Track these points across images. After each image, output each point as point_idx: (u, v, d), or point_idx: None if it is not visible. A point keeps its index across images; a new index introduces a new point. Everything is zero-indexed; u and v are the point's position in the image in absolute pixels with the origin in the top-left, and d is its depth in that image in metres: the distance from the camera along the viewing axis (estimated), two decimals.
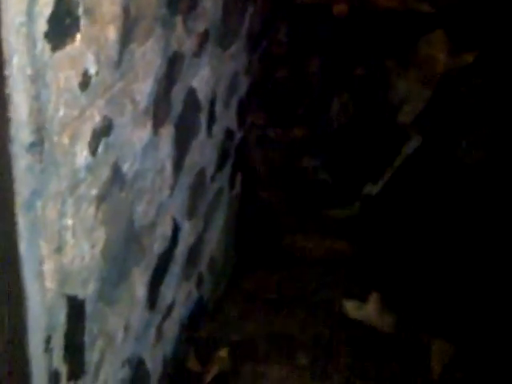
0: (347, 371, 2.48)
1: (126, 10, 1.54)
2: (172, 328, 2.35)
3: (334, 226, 3.07)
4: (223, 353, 2.53)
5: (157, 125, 1.87)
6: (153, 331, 2.14)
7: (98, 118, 1.49)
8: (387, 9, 2.98)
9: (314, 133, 3.09)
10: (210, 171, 2.53)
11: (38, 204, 1.31)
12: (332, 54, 3.04)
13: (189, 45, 2.07)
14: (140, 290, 1.97)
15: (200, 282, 2.62)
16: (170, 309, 2.29)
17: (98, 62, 1.43)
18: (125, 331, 1.87)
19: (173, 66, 1.94)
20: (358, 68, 3.10)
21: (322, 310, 2.73)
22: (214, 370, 2.47)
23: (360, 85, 3.09)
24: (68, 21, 1.29)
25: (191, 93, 2.17)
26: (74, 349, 1.54)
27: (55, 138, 1.32)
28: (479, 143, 3.11)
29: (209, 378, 2.45)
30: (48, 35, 1.22)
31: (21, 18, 1.14)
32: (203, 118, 2.33)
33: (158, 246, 2.08)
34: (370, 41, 3.01)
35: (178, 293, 2.36)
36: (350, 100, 3.09)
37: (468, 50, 3.03)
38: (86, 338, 1.60)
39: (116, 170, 1.64)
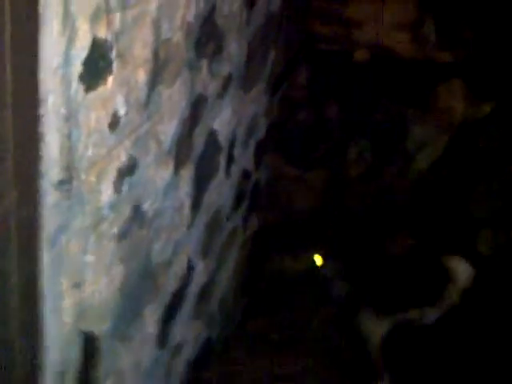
0: None
1: (155, 54, 1.58)
2: (180, 367, 2.35)
3: None
4: None
5: (178, 165, 1.90)
6: (162, 369, 2.14)
7: (123, 158, 1.51)
8: (407, 57, 3.02)
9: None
10: (225, 211, 2.55)
11: (63, 240, 1.33)
12: (351, 100, 3.08)
13: (212, 87, 2.11)
14: (151, 327, 1.98)
15: (210, 322, 2.62)
16: (179, 347, 2.29)
17: (127, 103, 1.47)
18: (135, 368, 1.87)
19: (196, 108, 1.97)
20: (377, 115, 3.13)
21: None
22: None
23: (378, 132, 3.12)
24: (102, 64, 1.33)
25: (212, 134, 2.20)
26: None
27: (83, 176, 1.35)
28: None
29: None
30: (82, 77, 1.26)
31: (58, 60, 1.18)
32: (222, 159, 2.36)
33: (171, 284, 2.09)
34: (389, 88, 3.05)
35: (187, 332, 2.36)
36: (368, 147, 3.12)
37: (486, 100, 3.06)
38: (99, 375, 1.61)
39: (137, 208, 1.67)
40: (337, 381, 2.64)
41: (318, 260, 3.00)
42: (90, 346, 1.52)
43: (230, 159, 2.46)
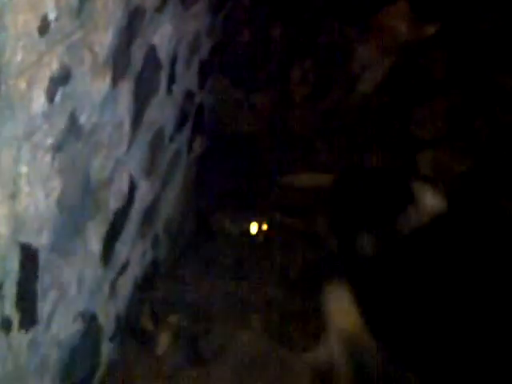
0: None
1: None
2: (126, 286, 2.35)
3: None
4: (175, 319, 2.54)
5: (116, 78, 1.85)
6: (106, 287, 2.14)
7: (56, 66, 1.47)
8: None
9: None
10: (168, 131, 2.52)
11: None
12: (295, 20, 3.04)
13: (151, 0, 2.05)
14: (94, 244, 1.96)
15: (156, 243, 2.62)
16: (124, 267, 2.28)
17: (58, 7, 1.41)
18: (78, 285, 1.87)
19: (134, 19, 1.91)
20: (321, 36, 3.11)
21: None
22: (166, 335, 2.47)
23: (322, 52, 3.10)
24: None
25: (152, 49, 2.15)
26: (26, 297, 1.54)
27: (12, 82, 1.31)
28: None
29: (164, 342, 2.46)
30: None
31: None
32: (163, 76, 2.32)
33: (114, 202, 2.07)
34: (334, 8, 3.02)
35: (132, 251, 2.35)
36: (312, 67, 3.10)
37: (430, 22, 3.06)
38: (39, 288, 1.60)
39: (73, 121, 1.63)
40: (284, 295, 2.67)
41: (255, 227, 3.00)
42: (27, 258, 1.50)
43: (172, 77, 2.41)
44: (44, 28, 1.37)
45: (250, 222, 3.01)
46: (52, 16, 1.40)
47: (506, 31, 3.08)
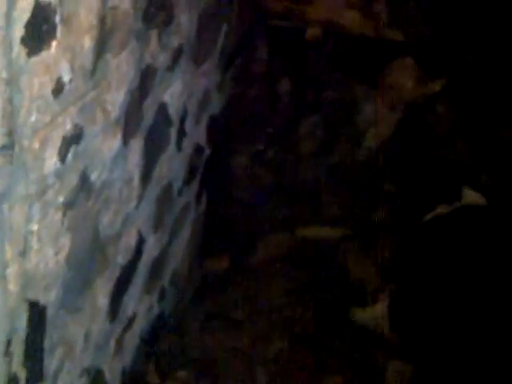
0: None
1: (102, 21, 1.57)
2: (132, 340, 2.35)
3: None
4: (183, 374, 2.53)
5: (127, 136, 1.88)
6: (113, 342, 2.14)
7: (69, 126, 1.50)
8: (358, 35, 3.04)
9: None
10: (177, 185, 2.54)
11: (5, 207, 1.31)
12: (303, 76, 3.09)
13: (162, 59, 2.09)
14: (102, 299, 1.97)
15: (162, 297, 2.62)
16: (130, 321, 2.29)
17: (72, 69, 1.45)
18: (85, 340, 1.87)
19: (145, 79, 1.96)
20: (328, 91, 3.15)
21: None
22: None
23: (328, 108, 3.15)
24: (45, 27, 1.31)
25: (162, 107, 2.19)
26: (34, 354, 1.54)
27: (26, 143, 1.34)
28: None
29: None
30: (24, 40, 1.24)
31: None
32: (173, 132, 2.35)
33: (122, 257, 2.08)
34: (341, 65, 3.07)
35: (139, 305, 2.36)
36: (319, 123, 3.14)
37: (436, 78, 3.10)
38: (46, 345, 1.60)
39: (84, 178, 1.65)
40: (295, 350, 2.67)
41: None
42: (36, 316, 1.51)
43: (182, 133, 2.45)
44: (58, 90, 1.41)
45: None
46: (66, 78, 1.44)
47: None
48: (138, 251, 2.21)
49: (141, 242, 2.22)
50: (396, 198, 3.12)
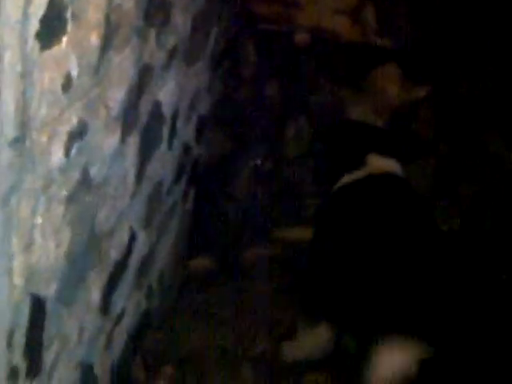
0: None
1: (107, 18, 1.59)
2: (120, 336, 2.36)
3: None
4: (170, 369, 2.55)
5: (125, 133, 1.91)
6: (103, 337, 2.15)
7: (74, 121, 1.52)
8: (347, 41, 3.09)
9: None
10: (166, 184, 2.56)
11: (14, 200, 1.33)
12: (290, 79, 3.13)
13: (159, 58, 2.12)
14: (95, 294, 1.98)
15: (149, 293, 2.63)
16: (120, 317, 2.30)
17: (79, 65, 1.47)
18: (79, 334, 1.88)
19: (143, 77, 1.98)
20: (315, 95, 3.20)
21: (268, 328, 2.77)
22: None
23: (315, 111, 3.19)
24: (57, 23, 1.33)
25: (157, 105, 2.21)
26: (34, 347, 1.55)
27: (35, 136, 1.35)
28: None
29: None
30: (39, 35, 1.26)
31: (16, 16, 1.18)
32: (166, 131, 2.37)
33: (114, 253, 2.10)
34: (328, 69, 3.12)
35: (128, 302, 2.37)
36: (306, 125, 3.18)
37: (420, 84, 3.16)
38: (45, 338, 1.61)
39: (85, 173, 1.67)
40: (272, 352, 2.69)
41: None
42: (37, 309, 1.52)
43: (173, 132, 2.47)
44: (67, 85, 1.43)
45: None
46: (74, 73, 1.46)
47: (494, 92, 3.20)
48: (130, 248, 2.22)
49: (132, 238, 2.23)
50: None
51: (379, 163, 2.72)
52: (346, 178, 2.72)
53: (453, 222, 3.26)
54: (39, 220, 1.47)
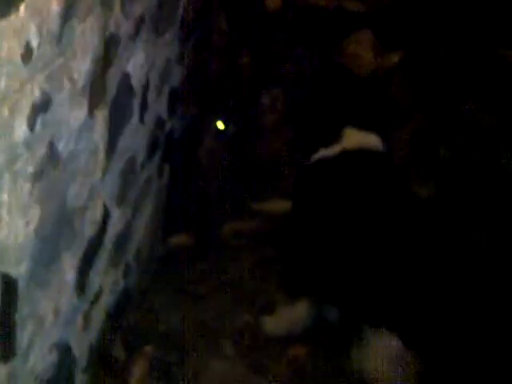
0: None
1: None
2: (98, 316, 2.32)
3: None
4: (150, 349, 2.51)
5: (92, 106, 1.85)
6: (80, 317, 2.11)
7: (37, 93, 1.46)
8: (318, 6, 3.03)
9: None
10: (140, 159, 2.51)
11: None
12: (263, 48, 3.07)
13: (125, 28, 2.05)
14: (69, 273, 1.94)
15: (127, 271, 2.59)
16: (97, 296, 2.25)
17: (40, 34, 1.41)
18: (54, 315, 1.83)
19: (109, 47, 1.92)
20: (288, 64, 3.14)
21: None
22: (142, 366, 2.44)
23: (289, 80, 3.14)
24: None
25: (125, 77, 2.15)
26: (6, 329, 1.51)
27: None
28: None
29: (137, 372, 2.42)
30: None
31: None
32: (136, 104, 2.31)
33: (88, 231, 2.05)
34: (301, 36, 3.06)
35: (105, 280, 2.32)
36: (280, 95, 3.13)
37: (394, 50, 3.12)
38: (18, 319, 1.56)
39: (52, 148, 1.61)
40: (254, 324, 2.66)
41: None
42: (8, 288, 1.47)
43: (144, 105, 2.41)
44: (27, 55, 1.37)
45: None
46: (35, 43, 1.39)
47: (468, 58, 3.17)
48: (104, 225, 2.17)
49: (106, 215, 2.18)
50: None
51: (355, 138, 2.68)
52: (323, 152, 2.69)
53: (429, 186, 3.24)
54: (5, 197, 1.41)
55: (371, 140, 2.70)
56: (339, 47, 3.19)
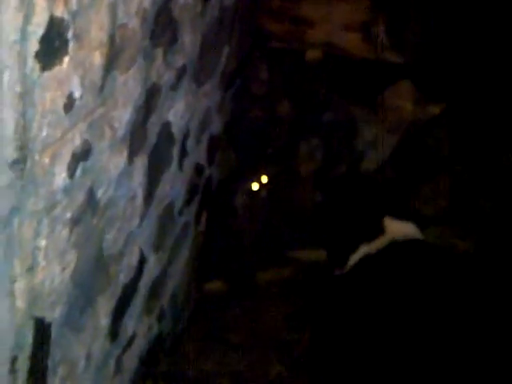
0: None
1: (111, 38, 1.57)
2: (131, 361, 2.32)
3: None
4: None
5: (132, 153, 1.88)
6: (112, 363, 2.11)
7: (78, 141, 1.49)
8: (358, 57, 3.06)
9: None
10: (178, 205, 2.53)
11: (15, 221, 1.30)
12: (303, 97, 3.10)
13: (167, 78, 2.10)
14: (103, 319, 1.95)
15: (161, 317, 2.60)
16: (130, 341, 2.26)
17: (82, 85, 1.45)
18: (86, 360, 1.85)
19: (151, 97, 1.96)
20: (328, 113, 3.17)
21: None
22: None
23: (329, 131, 3.16)
24: (58, 43, 1.31)
25: (166, 125, 2.19)
26: (38, 373, 1.52)
27: (36, 158, 1.33)
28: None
29: None
30: (38, 55, 1.24)
31: (15, 36, 1.16)
32: (175, 152, 2.35)
33: (123, 276, 2.07)
34: (340, 87, 3.09)
35: (139, 326, 2.33)
36: (318, 145, 3.14)
37: (435, 101, 3.12)
38: (50, 363, 1.58)
39: (91, 195, 1.64)
40: (287, 375, 2.64)
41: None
42: (41, 333, 1.49)
43: (184, 152, 2.45)
44: (69, 105, 1.41)
45: None
46: (77, 94, 1.44)
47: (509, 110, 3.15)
48: (140, 271, 2.19)
49: (142, 261, 2.20)
50: None
51: (398, 228, 2.43)
52: (365, 249, 2.40)
53: (469, 240, 3.20)
54: (42, 242, 1.44)
55: (411, 230, 2.47)
56: (380, 98, 3.21)
